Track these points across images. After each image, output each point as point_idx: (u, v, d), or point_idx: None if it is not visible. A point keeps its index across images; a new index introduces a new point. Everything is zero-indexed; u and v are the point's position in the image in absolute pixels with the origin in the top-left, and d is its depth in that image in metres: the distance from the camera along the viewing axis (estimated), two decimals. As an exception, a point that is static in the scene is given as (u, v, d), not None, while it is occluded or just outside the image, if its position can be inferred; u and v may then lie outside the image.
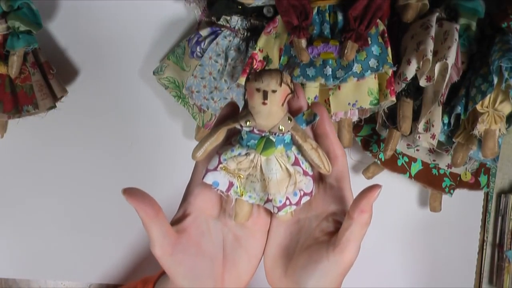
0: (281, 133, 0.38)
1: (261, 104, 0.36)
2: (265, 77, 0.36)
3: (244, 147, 0.39)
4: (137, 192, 0.39)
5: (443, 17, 0.62)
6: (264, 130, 0.37)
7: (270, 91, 0.36)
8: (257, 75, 0.36)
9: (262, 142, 0.37)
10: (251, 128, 0.37)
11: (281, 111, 0.37)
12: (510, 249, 0.76)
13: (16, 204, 0.71)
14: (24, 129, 0.68)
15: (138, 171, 0.71)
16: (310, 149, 0.39)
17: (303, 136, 0.38)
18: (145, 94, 0.70)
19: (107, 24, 0.68)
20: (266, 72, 0.36)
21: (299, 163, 0.39)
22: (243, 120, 0.37)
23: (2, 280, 0.72)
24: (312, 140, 0.39)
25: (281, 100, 0.36)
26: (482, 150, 0.61)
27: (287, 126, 0.37)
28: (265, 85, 0.36)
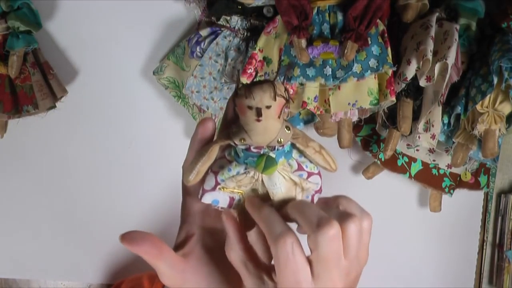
0: (281, 145, 0.35)
1: (255, 121, 0.33)
2: (256, 93, 0.32)
3: (241, 164, 0.36)
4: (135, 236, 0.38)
5: (443, 17, 0.62)
6: (262, 147, 0.34)
7: (264, 107, 0.32)
8: (247, 91, 0.32)
9: (262, 161, 0.34)
10: (247, 146, 0.34)
11: (278, 123, 0.33)
12: (510, 249, 0.76)
13: (16, 204, 0.71)
14: (24, 129, 0.68)
15: (138, 171, 0.71)
16: (313, 154, 0.36)
17: (304, 142, 0.36)
18: (145, 94, 0.70)
19: (107, 24, 0.68)
20: (256, 86, 0.32)
21: (303, 168, 0.37)
22: (236, 138, 0.34)
23: (2, 280, 0.72)
24: (314, 141, 0.36)
25: (277, 113, 0.33)
26: (482, 150, 0.61)
27: (286, 136, 0.34)
28: (258, 102, 0.32)
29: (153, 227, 0.73)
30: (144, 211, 0.72)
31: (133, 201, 0.72)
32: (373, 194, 0.74)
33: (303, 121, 0.38)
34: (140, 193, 0.72)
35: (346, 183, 0.74)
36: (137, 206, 0.72)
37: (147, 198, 0.72)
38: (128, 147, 0.71)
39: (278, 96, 0.32)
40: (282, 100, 0.33)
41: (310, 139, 0.37)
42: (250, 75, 0.61)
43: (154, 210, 0.72)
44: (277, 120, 0.33)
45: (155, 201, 0.72)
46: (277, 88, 0.32)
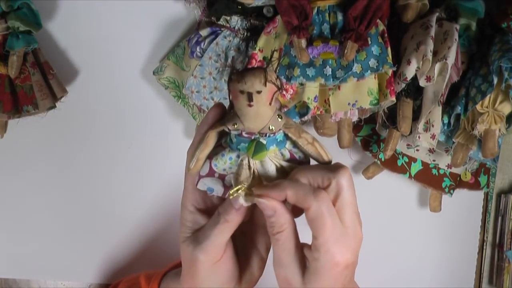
0: (272, 133, 0.36)
1: (247, 106, 0.34)
2: (248, 78, 0.33)
3: (234, 150, 0.37)
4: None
5: (443, 17, 0.62)
6: (253, 132, 0.35)
7: (255, 92, 0.33)
8: (239, 76, 0.33)
9: (252, 146, 0.35)
10: (239, 131, 0.36)
11: (270, 110, 0.35)
12: (510, 249, 0.76)
13: (16, 204, 0.71)
14: (24, 129, 0.68)
15: (138, 171, 0.71)
16: (306, 144, 0.37)
17: (296, 132, 0.37)
18: (145, 94, 0.70)
19: (107, 24, 0.68)
20: (249, 71, 0.33)
21: (295, 157, 0.38)
22: (230, 123, 0.35)
23: (2, 280, 0.72)
24: (307, 133, 0.37)
25: (268, 99, 0.34)
26: (482, 150, 0.61)
27: (278, 124, 0.35)
28: (249, 86, 0.33)
29: (153, 227, 0.73)
30: (144, 211, 0.72)
31: (133, 201, 0.72)
32: (373, 194, 0.74)
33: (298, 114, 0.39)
34: (140, 193, 0.72)
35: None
36: (137, 206, 0.72)
37: (147, 198, 0.72)
38: (128, 147, 0.71)
39: (269, 82, 0.33)
40: (273, 87, 0.34)
41: (304, 130, 0.37)
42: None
43: (154, 210, 0.72)
44: (268, 106, 0.34)
45: (155, 201, 0.72)
46: (268, 75, 0.33)
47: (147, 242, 0.73)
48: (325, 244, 0.36)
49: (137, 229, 0.73)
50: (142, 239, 0.73)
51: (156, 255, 0.73)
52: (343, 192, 0.37)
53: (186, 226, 0.41)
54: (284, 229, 0.37)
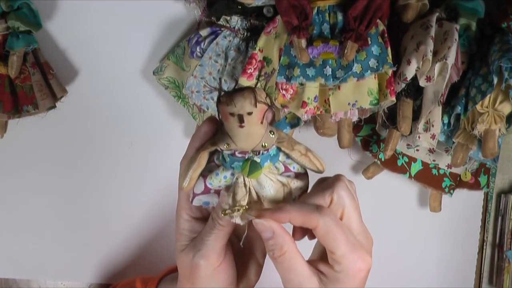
0: (266, 149, 0.35)
1: (238, 127, 0.33)
2: (237, 100, 0.32)
3: (228, 169, 0.37)
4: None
5: (443, 17, 0.62)
6: (246, 151, 0.35)
7: (246, 114, 0.33)
8: (228, 98, 0.33)
9: (247, 166, 0.35)
10: (232, 151, 0.35)
11: (262, 128, 0.34)
12: (510, 249, 0.76)
13: (16, 204, 0.71)
14: (24, 129, 0.68)
15: (138, 171, 0.71)
16: (299, 156, 0.37)
17: (289, 145, 0.36)
18: (145, 94, 0.70)
19: (107, 24, 0.68)
20: (237, 93, 0.33)
21: (290, 169, 0.38)
22: (222, 143, 0.35)
23: (2, 280, 0.72)
24: (299, 144, 0.37)
25: (259, 119, 0.33)
26: (482, 150, 0.61)
27: (271, 141, 0.35)
28: (239, 109, 0.33)
29: (153, 227, 0.73)
30: (144, 211, 0.72)
31: (133, 201, 0.72)
32: (373, 194, 0.74)
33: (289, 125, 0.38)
34: (140, 193, 0.72)
35: (346, 183, 0.74)
36: (137, 206, 0.72)
37: (147, 198, 0.72)
38: (128, 147, 0.71)
39: (259, 103, 0.33)
40: (264, 106, 0.33)
41: (296, 142, 0.37)
42: (250, 75, 0.61)
43: (154, 210, 0.72)
44: (260, 125, 0.34)
45: (155, 201, 0.72)
46: (258, 95, 0.33)
47: (147, 242, 0.73)
48: (345, 255, 0.36)
49: (137, 228, 0.73)
50: (141, 239, 0.73)
51: (156, 255, 0.73)
52: (345, 203, 0.38)
53: (184, 235, 0.42)
54: (285, 251, 0.37)
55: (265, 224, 0.36)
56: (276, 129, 0.36)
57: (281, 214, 0.36)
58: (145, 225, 0.73)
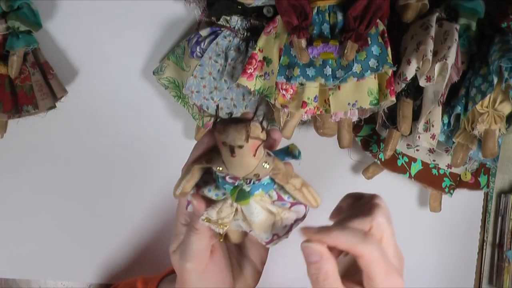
0: (258, 179, 0.35)
1: (230, 156, 0.33)
2: (230, 132, 0.32)
3: (220, 188, 0.37)
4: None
5: (443, 17, 0.62)
6: (237, 178, 0.35)
7: (237, 146, 0.32)
8: (222, 128, 0.32)
9: (234, 194, 0.35)
10: (223, 174, 0.35)
11: (255, 160, 0.33)
12: (510, 249, 0.76)
13: (16, 204, 0.71)
14: (24, 129, 0.68)
15: (138, 171, 0.71)
16: (293, 191, 0.37)
17: (284, 178, 0.36)
18: (145, 94, 0.70)
19: (107, 24, 0.68)
20: (231, 125, 0.32)
21: (283, 199, 0.38)
22: (215, 165, 0.35)
23: (2, 280, 0.72)
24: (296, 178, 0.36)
25: (251, 152, 0.33)
26: (482, 150, 0.61)
27: (264, 171, 0.35)
28: (231, 140, 0.32)
29: (153, 227, 0.73)
30: (144, 211, 0.72)
31: (133, 201, 0.72)
32: (373, 194, 0.74)
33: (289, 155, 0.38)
34: (140, 193, 0.72)
35: (346, 183, 0.74)
36: (137, 206, 0.72)
37: (147, 198, 0.72)
38: (128, 147, 0.71)
39: (251, 139, 0.32)
40: (256, 142, 0.33)
41: (292, 175, 0.36)
42: (250, 75, 0.61)
43: (154, 209, 0.72)
44: (252, 157, 0.33)
45: (155, 201, 0.72)
46: (252, 130, 0.32)
47: (147, 242, 0.73)
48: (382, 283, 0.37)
49: (137, 229, 0.73)
50: (141, 239, 0.73)
51: (156, 254, 0.73)
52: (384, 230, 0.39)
53: (179, 239, 0.43)
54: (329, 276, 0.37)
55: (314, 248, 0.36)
56: (273, 159, 0.35)
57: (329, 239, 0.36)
58: (145, 225, 0.73)
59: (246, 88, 0.62)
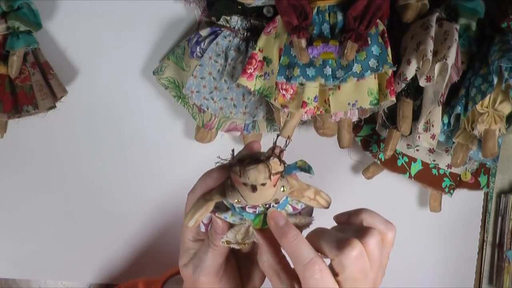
0: (276, 203, 0.36)
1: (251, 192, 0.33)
2: (251, 173, 0.32)
3: (237, 214, 0.37)
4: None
5: (443, 17, 0.62)
6: (257, 205, 0.35)
7: (259, 185, 0.33)
8: (242, 170, 0.32)
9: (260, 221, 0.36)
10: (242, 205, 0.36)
11: (274, 189, 0.34)
12: (510, 249, 0.76)
13: (16, 204, 0.71)
14: (24, 129, 0.68)
15: (138, 171, 0.71)
16: (308, 201, 0.38)
17: (299, 194, 0.37)
18: (145, 94, 0.70)
19: (107, 24, 0.68)
20: (251, 167, 0.32)
21: (297, 208, 0.39)
22: (232, 199, 0.35)
23: (2, 280, 0.72)
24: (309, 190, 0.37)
25: (272, 185, 0.33)
26: (482, 150, 0.61)
27: (282, 195, 0.35)
28: (253, 181, 0.32)
29: (153, 227, 0.73)
30: (145, 211, 0.72)
31: (133, 201, 0.72)
32: (373, 194, 0.74)
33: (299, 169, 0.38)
34: (140, 192, 0.72)
35: (346, 183, 0.74)
36: (137, 206, 0.72)
37: (147, 198, 0.72)
38: (128, 147, 0.71)
39: (274, 175, 0.32)
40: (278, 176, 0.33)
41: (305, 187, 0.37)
42: (250, 75, 0.61)
43: (155, 209, 0.72)
44: (273, 188, 0.34)
45: (155, 201, 0.72)
46: (272, 168, 0.32)
47: (147, 242, 0.73)
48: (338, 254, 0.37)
49: (137, 229, 0.73)
50: (142, 239, 0.73)
51: (156, 255, 0.73)
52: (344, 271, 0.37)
53: (188, 253, 0.44)
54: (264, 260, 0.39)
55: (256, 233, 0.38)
56: (287, 181, 0.35)
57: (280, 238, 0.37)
58: (145, 225, 0.73)
59: (246, 88, 0.62)
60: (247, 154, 0.34)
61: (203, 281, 0.42)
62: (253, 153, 0.34)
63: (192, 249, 0.43)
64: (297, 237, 0.36)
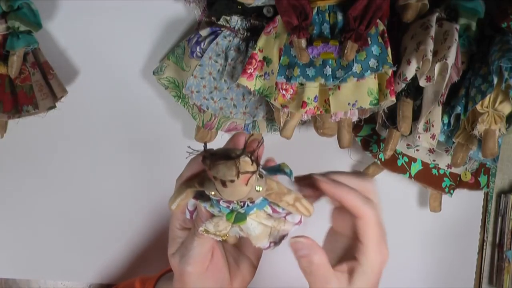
0: (251, 202, 0.36)
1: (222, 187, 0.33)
2: (220, 168, 0.32)
3: (215, 207, 0.37)
4: None
5: (443, 17, 0.62)
6: (232, 201, 0.36)
7: (228, 180, 0.33)
8: (211, 164, 0.32)
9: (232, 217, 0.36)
10: (217, 198, 0.36)
11: (247, 187, 0.34)
12: (510, 249, 0.76)
13: (16, 204, 0.71)
14: (24, 129, 0.68)
15: (138, 171, 0.71)
16: (287, 207, 0.37)
17: (277, 197, 0.36)
18: (145, 94, 0.70)
19: (107, 24, 0.68)
20: (221, 162, 0.32)
21: (278, 211, 0.38)
22: (208, 190, 0.35)
23: (2, 280, 0.72)
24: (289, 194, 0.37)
25: (243, 183, 0.33)
26: (482, 150, 0.61)
27: (257, 195, 0.35)
28: (221, 176, 0.32)
29: (153, 227, 0.73)
30: (144, 211, 0.72)
31: (133, 201, 0.72)
32: (373, 194, 0.74)
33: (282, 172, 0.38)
34: (140, 192, 0.72)
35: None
36: (137, 206, 0.72)
37: (147, 198, 0.72)
38: (128, 147, 0.71)
39: (242, 174, 0.32)
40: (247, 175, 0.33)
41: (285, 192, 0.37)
42: (250, 75, 0.61)
43: (154, 210, 0.72)
44: (244, 186, 0.33)
45: (155, 200, 0.72)
46: (241, 166, 0.32)
47: (147, 242, 0.73)
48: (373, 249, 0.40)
49: (137, 228, 0.73)
50: (142, 239, 0.73)
51: (156, 255, 0.73)
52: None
53: (176, 242, 0.44)
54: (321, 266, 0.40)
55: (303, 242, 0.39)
56: (265, 181, 0.35)
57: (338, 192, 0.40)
58: (145, 224, 0.73)
59: (246, 88, 0.62)
60: (222, 149, 0.34)
61: (189, 270, 0.42)
62: (228, 149, 0.34)
63: (180, 238, 0.43)
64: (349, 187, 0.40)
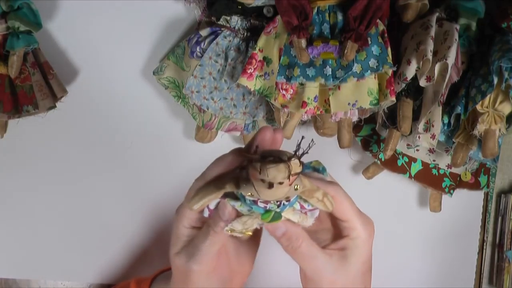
0: (287, 200, 0.36)
1: (266, 189, 0.33)
2: (271, 172, 0.32)
3: (246, 206, 0.37)
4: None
5: (443, 17, 0.62)
6: (269, 201, 0.36)
7: (277, 183, 0.33)
8: (262, 167, 0.33)
9: (269, 216, 0.36)
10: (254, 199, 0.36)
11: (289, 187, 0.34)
12: (510, 249, 0.76)
13: (16, 204, 0.71)
14: (24, 129, 0.68)
15: (138, 171, 0.71)
16: (316, 202, 0.38)
17: (310, 194, 0.37)
18: (145, 94, 0.70)
19: (107, 24, 0.68)
20: (272, 165, 0.32)
21: (304, 207, 0.39)
22: (245, 191, 0.35)
23: (2, 280, 0.72)
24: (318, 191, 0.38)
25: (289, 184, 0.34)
26: (482, 150, 0.61)
27: (294, 193, 0.36)
28: (271, 179, 0.33)
29: (153, 227, 0.73)
30: (144, 211, 0.72)
31: (133, 201, 0.72)
32: (373, 194, 0.74)
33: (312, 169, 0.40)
34: (140, 192, 0.72)
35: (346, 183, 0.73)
36: (137, 206, 0.72)
37: (147, 198, 0.72)
38: (128, 147, 0.71)
39: (292, 176, 0.33)
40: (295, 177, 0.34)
41: (315, 188, 0.38)
42: (250, 75, 0.61)
43: (154, 210, 0.72)
44: (289, 187, 0.34)
45: (155, 200, 0.72)
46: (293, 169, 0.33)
47: (147, 242, 0.73)
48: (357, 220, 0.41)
49: (137, 228, 0.73)
50: (141, 239, 0.73)
51: (155, 255, 0.73)
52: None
53: (181, 241, 0.42)
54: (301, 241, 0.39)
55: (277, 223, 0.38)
56: (301, 180, 0.36)
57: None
58: (145, 224, 0.73)
59: (246, 88, 0.62)
60: (270, 151, 0.35)
61: (196, 270, 0.41)
62: (275, 151, 0.34)
63: (186, 237, 0.42)
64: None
